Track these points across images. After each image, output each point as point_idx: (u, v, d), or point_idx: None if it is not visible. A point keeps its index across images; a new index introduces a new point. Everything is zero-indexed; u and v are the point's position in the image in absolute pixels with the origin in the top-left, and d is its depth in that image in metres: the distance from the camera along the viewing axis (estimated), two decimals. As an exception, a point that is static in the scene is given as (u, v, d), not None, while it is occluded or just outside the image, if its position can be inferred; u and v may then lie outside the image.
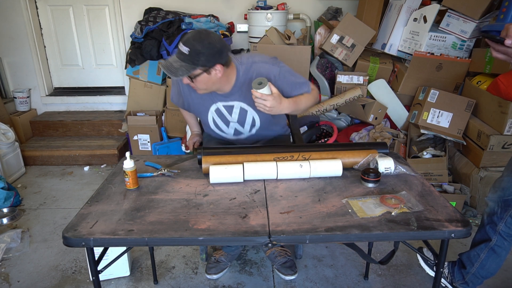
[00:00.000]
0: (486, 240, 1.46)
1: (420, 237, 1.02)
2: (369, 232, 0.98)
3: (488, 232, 1.45)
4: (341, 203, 1.12)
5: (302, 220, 1.03)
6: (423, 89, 2.51)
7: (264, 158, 1.31)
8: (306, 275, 1.80)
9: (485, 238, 1.47)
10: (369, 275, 1.78)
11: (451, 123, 2.37)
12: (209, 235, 0.97)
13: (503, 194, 1.39)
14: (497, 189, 1.42)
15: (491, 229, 1.44)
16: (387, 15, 2.78)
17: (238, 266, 1.86)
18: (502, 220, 1.41)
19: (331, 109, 2.59)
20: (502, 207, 1.40)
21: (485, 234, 1.47)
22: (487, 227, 1.46)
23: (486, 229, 1.46)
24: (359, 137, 2.52)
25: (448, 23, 2.51)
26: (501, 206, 1.40)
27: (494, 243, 1.44)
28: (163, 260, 1.92)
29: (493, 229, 1.44)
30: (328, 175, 1.27)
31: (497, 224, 1.42)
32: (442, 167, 2.29)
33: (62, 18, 3.40)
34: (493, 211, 1.43)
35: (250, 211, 1.08)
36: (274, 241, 0.96)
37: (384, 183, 1.24)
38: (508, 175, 1.39)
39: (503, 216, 1.40)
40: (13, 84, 3.49)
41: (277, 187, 1.22)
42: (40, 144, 3.22)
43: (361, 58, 2.73)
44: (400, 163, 1.35)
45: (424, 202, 1.11)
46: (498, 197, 1.41)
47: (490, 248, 1.46)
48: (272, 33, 2.67)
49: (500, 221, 1.41)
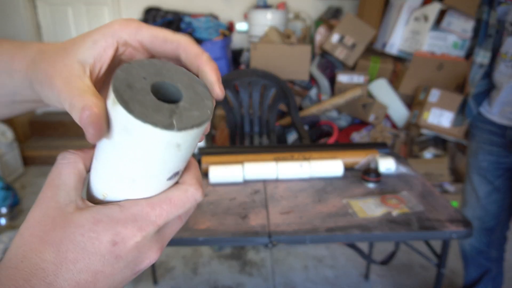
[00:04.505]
0: (486, 273, 1.41)
1: (421, 237, 1.01)
2: (370, 232, 0.97)
3: (483, 263, 1.40)
4: (341, 203, 1.11)
5: (303, 221, 1.02)
6: (424, 88, 2.50)
7: (264, 158, 1.30)
8: (307, 275, 1.79)
9: (483, 271, 1.42)
10: (370, 276, 1.78)
11: (452, 123, 2.36)
12: (209, 236, 0.96)
13: (482, 223, 1.36)
14: (473, 220, 1.37)
15: (485, 259, 1.40)
16: (388, 15, 2.77)
17: (238, 267, 1.85)
18: (491, 246, 1.37)
19: (331, 109, 2.58)
20: (485, 234, 1.36)
21: (480, 267, 1.42)
22: (478, 259, 1.41)
23: (481, 262, 1.41)
24: (359, 137, 2.52)
25: (449, 22, 2.51)
26: (484, 234, 1.36)
27: (495, 272, 1.40)
28: (162, 260, 1.91)
29: (487, 258, 1.39)
30: (328, 175, 1.26)
31: (488, 252, 1.38)
32: (443, 167, 2.28)
33: (61, 18, 3.40)
34: (477, 242, 1.39)
35: (250, 212, 1.07)
36: (274, 241, 0.96)
37: (384, 183, 1.23)
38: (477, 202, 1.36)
39: (490, 242, 1.36)
40: (13, 84, 3.48)
41: (277, 187, 1.21)
42: (39, 144, 3.21)
43: (362, 58, 2.72)
44: (400, 163, 1.34)
45: (425, 202, 1.10)
46: (478, 229, 1.37)
47: (492, 279, 1.41)
48: (272, 32, 2.66)
49: (490, 247, 1.37)
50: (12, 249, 0.24)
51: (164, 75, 0.26)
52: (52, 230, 0.24)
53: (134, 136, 0.23)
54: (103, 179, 0.27)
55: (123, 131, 0.23)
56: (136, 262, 0.26)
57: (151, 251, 0.27)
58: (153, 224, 0.26)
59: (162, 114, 0.23)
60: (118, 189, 0.26)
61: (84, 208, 0.26)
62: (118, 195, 0.27)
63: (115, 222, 0.25)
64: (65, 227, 0.24)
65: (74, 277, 0.24)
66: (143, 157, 0.24)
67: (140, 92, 0.24)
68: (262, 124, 2.17)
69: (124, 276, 0.26)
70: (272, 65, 2.46)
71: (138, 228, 0.25)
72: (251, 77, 2.12)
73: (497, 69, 1.24)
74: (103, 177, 0.27)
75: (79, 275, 0.24)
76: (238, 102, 2.13)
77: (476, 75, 1.32)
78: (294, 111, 2.12)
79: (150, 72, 0.25)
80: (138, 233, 0.25)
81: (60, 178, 0.26)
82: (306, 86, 2.71)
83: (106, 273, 0.25)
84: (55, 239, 0.24)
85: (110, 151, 0.25)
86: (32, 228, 0.25)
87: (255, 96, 2.14)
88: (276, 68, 2.41)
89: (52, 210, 0.25)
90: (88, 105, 0.23)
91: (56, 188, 0.26)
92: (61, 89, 0.25)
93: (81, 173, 0.27)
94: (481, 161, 1.33)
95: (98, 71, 0.27)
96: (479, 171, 1.35)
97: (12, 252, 0.24)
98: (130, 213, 0.25)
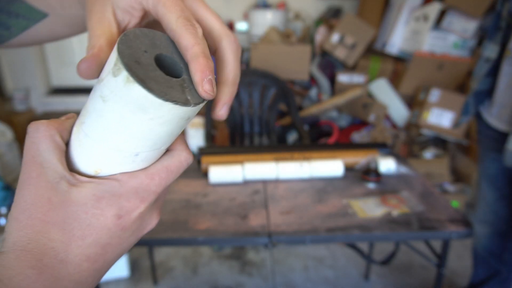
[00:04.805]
0: (495, 275, 1.38)
1: (421, 237, 1.01)
2: (370, 232, 0.97)
3: (494, 265, 1.37)
4: (341, 203, 1.11)
5: (303, 221, 1.02)
6: (424, 88, 2.50)
7: (264, 158, 1.30)
8: (307, 275, 1.79)
9: (492, 272, 1.39)
10: (370, 276, 1.77)
11: (452, 122, 2.35)
12: (209, 236, 0.96)
13: (494, 228, 1.33)
14: (485, 225, 1.35)
15: (496, 261, 1.36)
16: (388, 15, 2.77)
17: (238, 267, 1.85)
18: (506, 250, 1.33)
19: (331, 109, 2.58)
20: (498, 238, 1.33)
21: (490, 269, 1.39)
22: (489, 260, 1.37)
23: (490, 263, 1.37)
24: (359, 137, 2.51)
25: (450, 22, 2.50)
26: (497, 238, 1.33)
27: (505, 276, 1.36)
28: (162, 260, 1.91)
29: (498, 260, 1.35)
30: (328, 175, 1.26)
31: (501, 255, 1.34)
32: (443, 167, 2.28)
33: None
34: (490, 244, 1.36)
35: (250, 212, 1.07)
36: (274, 241, 0.95)
37: (384, 183, 1.23)
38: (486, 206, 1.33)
39: (505, 246, 1.33)
40: (12, 84, 3.48)
41: (277, 187, 1.21)
42: (39, 144, 3.21)
43: (362, 58, 2.72)
44: (401, 163, 1.34)
45: (425, 202, 1.10)
46: (490, 233, 1.34)
47: (501, 282, 1.38)
48: (272, 32, 2.66)
49: (504, 251, 1.33)
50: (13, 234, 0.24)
51: (159, 47, 0.25)
52: (51, 210, 0.24)
53: (150, 113, 0.23)
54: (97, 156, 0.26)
55: (138, 109, 0.23)
56: (140, 229, 0.28)
57: (152, 218, 0.28)
58: (154, 194, 0.27)
59: (175, 90, 0.23)
60: (115, 164, 0.26)
61: (78, 184, 0.25)
62: (114, 170, 0.26)
63: (118, 197, 0.25)
64: (66, 207, 0.25)
65: (84, 251, 0.25)
66: (154, 131, 0.24)
67: (149, 68, 0.23)
68: (262, 124, 2.17)
69: (130, 243, 0.28)
70: (272, 65, 2.46)
71: (140, 200, 0.26)
72: (251, 77, 2.12)
73: (501, 67, 1.19)
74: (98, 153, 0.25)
75: (89, 249, 0.25)
76: (238, 102, 2.13)
77: (481, 69, 1.25)
78: (294, 111, 2.12)
79: (147, 44, 0.25)
80: (141, 204, 0.26)
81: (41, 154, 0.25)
82: (306, 86, 2.71)
83: (114, 244, 0.26)
84: (57, 219, 0.24)
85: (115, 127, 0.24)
86: (27, 211, 0.24)
87: (255, 96, 2.14)
88: (276, 68, 2.41)
89: (44, 190, 0.24)
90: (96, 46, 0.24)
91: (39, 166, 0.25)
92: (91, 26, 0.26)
93: (61, 147, 0.26)
94: (488, 168, 1.30)
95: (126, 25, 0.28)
96: (486, 178, 1.32)
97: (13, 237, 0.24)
98: (130, 186, 0.26)
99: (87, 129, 0.25)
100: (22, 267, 0.23)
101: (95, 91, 0.25)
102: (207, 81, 0.24)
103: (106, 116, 0.24)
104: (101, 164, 0.26)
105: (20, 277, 0.23)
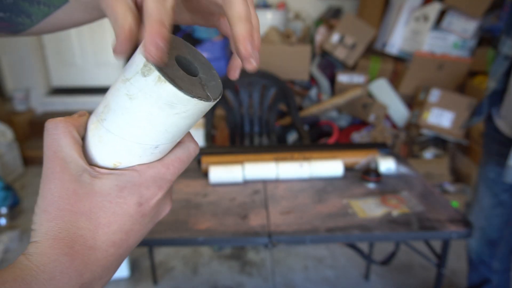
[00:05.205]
0: (486, 282, 1.36)
1: (421, 237, 1.01)
2: (370, 232, 0.97)
3: (484, 273, 1.35)
4: (341, 203, 1.11)
5: (303, 221, 1.02)
6: (424, 88, 2.50)
7: (264, 158, 1.30)
8: (307, 276, 1.79)
9: (483, 279, 1.37)
10: (370, 276, 1.77)
11: (452, 123, 2.36)
12: (209, 236, 0.96)
13: (485, 234, 1.30)
14: (476, 230, 1.32)
15: (486, 269, 1.34)
16: (388, 15, 2.77)
17: (238, 267, 1.85)
18: (494, 258, 1.30)
19: (331, 109, 2.58)
20: (487, 245, 1.30)
21: (482, 276, 1.37)
22: (480, 267, 1.36)
23: (482, 271, 1.36)
24: (359, 137, 2.51)
25: (450, 22, 2.51)
26: (486, 245, 1.31)
27: (495, 283, 1.34)
28: (162, 260, 1.91)
29: (488, 269, 1.33)
30: (328, 175, 1.26)
31: (490, 263, 1.32)
32: (443, 167, 2.28)
33: None
34: (480, 252, 1.34)
35: (250, 212, 1.07)
36: (274, 241, 0.95)
37: (384, 183, 1.23)
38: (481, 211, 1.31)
39: (493, 254, 1.30)
40: (12, 84, 3.48)
41: (277, 188, 1.21)
42: (39, 144, 3.21)
43: (362, 58, 2.72)
44: (401, 163, 1.34)
45: (425, 202, 1.10)
46: (480, 238, 1.32)
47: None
48: (272, 32, 2.66)
49: (492, 259, 1.31)
50: (43, 225, 0.26)
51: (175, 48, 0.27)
52: (78, 201, 0.26)
53: (177, 109, 0.25)
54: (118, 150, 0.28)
55: (166, 105, 0.25)
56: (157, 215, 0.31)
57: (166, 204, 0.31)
58: (169, 182, 0.30)
59: (197, 87, 0.26)
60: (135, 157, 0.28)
61: (99, 176, 0.27)
62: (133, 162, 0.28)
63: (138, 186, 0.28)
64: (91, 197, 0.27)
65: (110, 238, 0.27)
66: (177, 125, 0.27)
67: (173, 68, 0.26)
68: (262, 124, 2.17)
69: (148, 229, 0.30)
70: (272, 65, 2.46)
71: (158, 188, 0.29)
72: (251, 77, 2.12)
73: None
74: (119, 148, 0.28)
75: (115, 236, 0.27)
76: (238, 102, 2.13)
77: (499, 68, 1.15)
78: (294, 111, 2.12)
79: None
80: (159, 192, 0.29)
81: (62, 150, 0.27)
82: (306, 86, 2.71)
83: (135, 230, 0.29)
84: (84, 209, 0.27)
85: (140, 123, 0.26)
86: (56, 203, 0.26)
87: (255, 96, 2.14)
88: (276, 68, 2.41)
89: (69, 183, 0.27)
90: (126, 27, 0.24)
91: (62, 161, 0.27)
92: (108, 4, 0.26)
93: (79, 142, 0.28)
94: (489, 172, 1.26)
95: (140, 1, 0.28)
96: (485, 182, 1.28)
97: (44, 227, 0.26)
98: (149, 176, 0.28)
99: (109, 126, 0.27)
100: (56, 254, 0.25)
101: (119, 90, 0.26)
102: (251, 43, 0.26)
103: (132, 113, 0.26)
104: (122, 157, 0.28)
105: (55, 264, 0.25)
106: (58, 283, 0.25)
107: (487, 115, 1.27)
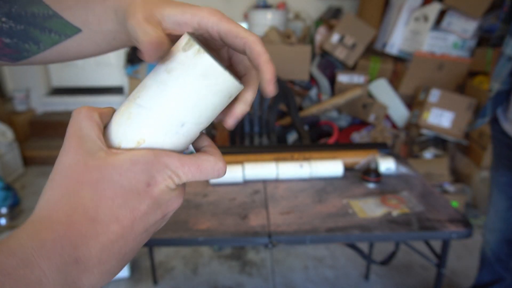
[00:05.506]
0: (499, 281, 1.36)
1: (421, 237, 1.01)
2: (370, 232, 0.97)
3: (499, 271, 1.35)
4: (341, 203, 1.11)
5: (303, 221, 1.02)
6: (424, 88, 2.50)
7: (264, 158, 1.30)
8: (307, 276, 1.79)
9: (496, 278, 1.37)
10: (370, 276, 1.78)
11: (452, 123, 2.36)
12: (209, 236, 0.96)
13: (503, 235, 1.30)
14: (494, 232, 1.32)
15: (502, 268, 1.33)
16: (388, 15, 2.77)
17: (238, 267, 1.85)
18: None
19: (331, 109, 2.58)
20: (507, 246, 1.30)
21: (495, 274, 1.36)
22: (495, 266, 1.35)
23: (496, 268, 1.35)
24: (359, 137, 2.52)
25: (449, 22, 2.51)
26: (506, 246, 1.30)
27: (509, 282, 1.34)
28: (162, 260, 1.91)
29: (504, 267, 1.32)
30: (328, 175, 1.26)
31: (508, 261, 1.31)
32: (443, 167, 2.28)
33: None
34: (498, 250, 1.33)
35: (250, 212, 1.07)
36: (274, 241, 0.95)
37: (384, 184, 1.23)
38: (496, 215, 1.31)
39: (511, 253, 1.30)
40: (12, 84, 3.48)
41: (277, 188, 1.21)
42: (39, 144, 3.21)
43: (362, 58, 2.72)
44: (401, 163, 1.34)
45: (425, 202, 1.10)
46: (500, 239, 1.31)
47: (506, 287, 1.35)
48: (272, 32, 2.66)
49: (510, 258, 1.30)
50: (47, 192, 0.26)
51: None
52: (87, 172, 0.26)
53: (209, 80, 0.28)
54: (145, 125, 0.28)
55: (200, 75, 0.27)
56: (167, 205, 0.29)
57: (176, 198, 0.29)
58: (179, 178, 0.28)
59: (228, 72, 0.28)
60: (160, 134, 0.28)
61: (115, 152, 0.27)
62: (157, 141, 0.29)
63: (151, 165, 0.27)
64: (101, 169, 0.26)
65: (114, 212, 0.26)
66: (205, 100, 0.28)
67: (206, 49, 0.28)
68: (262, 124, 2.17)
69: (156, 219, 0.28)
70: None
71: (168, 176, 0.28)
72: (251, 77, 2.12)
73: None
74: (147, 122, 0.28)
75: (118, 210, 0.26)
76: (238, 102, 2.13)
77: (503, 69, 1.13)
78: (294, 111, 2.12)
79: None
80: (168, 180, 0.28)
81: (82, 130, 0.27)
82: (306, 86, 2.71)
83: (142, 211, 0.27)
84: (91, 179, 0.26)
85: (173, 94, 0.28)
86: (63, 172, 0.26)
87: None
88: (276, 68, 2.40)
89: (82, 156, 0.26)
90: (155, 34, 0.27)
91: (80, 138, 0.27)
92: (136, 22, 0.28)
93: (100, 126, 0.28)
94: (501, 176, 1.26)
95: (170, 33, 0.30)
96: (498, 186, 1.28)
97: (47, 195, 0.26)
98: (163, 161, 0.28)
99: (141, 101, 0.28)
100: (50, 222, 0.24)
101: (156, 70, 0.28)
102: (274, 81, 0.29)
103: (168, 84, 0.27)
104: (147, 133, 0.28)
105: (47, 231, 0.24)
106: (48, 252, 0.23)
107: (492, 117, 1.26)
